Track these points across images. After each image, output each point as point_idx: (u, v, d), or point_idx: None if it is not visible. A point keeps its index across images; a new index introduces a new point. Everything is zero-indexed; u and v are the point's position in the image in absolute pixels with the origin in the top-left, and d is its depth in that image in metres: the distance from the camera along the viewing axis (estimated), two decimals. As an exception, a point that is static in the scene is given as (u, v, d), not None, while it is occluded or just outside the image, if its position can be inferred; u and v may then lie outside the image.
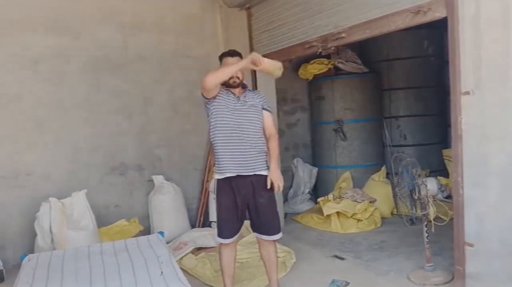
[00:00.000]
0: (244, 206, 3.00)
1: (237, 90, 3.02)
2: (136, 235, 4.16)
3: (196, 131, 4.99)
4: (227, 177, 2.95)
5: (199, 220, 4.97)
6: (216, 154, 3.00)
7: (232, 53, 3.05)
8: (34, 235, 3.96)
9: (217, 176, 3.01)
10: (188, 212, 4.85)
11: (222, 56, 3.08)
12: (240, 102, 2.98)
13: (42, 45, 4.22)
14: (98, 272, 2.70)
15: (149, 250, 3.06)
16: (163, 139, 4.89)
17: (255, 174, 2.95)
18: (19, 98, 4.15)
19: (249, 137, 2.92)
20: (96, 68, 4.49)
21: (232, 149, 2.92)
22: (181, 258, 3.87)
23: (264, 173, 2.97)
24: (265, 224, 3.01)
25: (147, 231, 4.57)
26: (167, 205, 4.63)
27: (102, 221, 4.31)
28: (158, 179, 4.74)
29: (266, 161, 3.01)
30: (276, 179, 2.94)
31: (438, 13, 2.91)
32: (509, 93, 2.61)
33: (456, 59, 2.84)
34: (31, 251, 3.87)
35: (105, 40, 4.52)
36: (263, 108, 3.04)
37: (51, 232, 3.80)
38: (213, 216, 4.91)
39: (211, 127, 3.00)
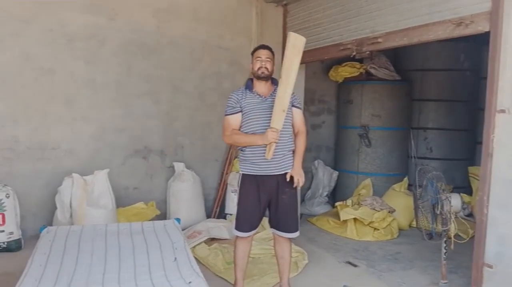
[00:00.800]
0: (266, 202, 2.99)
1: (264, 87, 2.99)
2: (153, 219, 4.22)
3: (221, 123, 4.89)
4: (254, 174, 2.95)
5: (215, 211, 5.00)
6: (244, 151, 3.00)
7: (265, 46, 3.05)
8: (54, 208, 4.05)
9: (244, 171, 3.01)
10: (205, 202, 4.88)
11: (254, 51, 3.07)
12: (267, 102, 2.95)
13: (78, 23, 4.28)
14: (113, 251, 2.74)
15: (164, 234, 3.09)
16: (187, 127, 4.92)
17: (281, 173, 2.94)
18: (52, 73, 4.22)
19: (280, 138, 2.90)
20: (129, 51, 4.54)
21: (260, 150, 2.91)
22: (194, 247, 3.90)
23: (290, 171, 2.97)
24: (284, 221, 3.00)
25: (163, 216, 4.61)
26: (186, 192, 4.67)
27: (120, 201, 4.38)
28: (179, 166, 4.78)
29: (293, 160, 2.99)
30: (297, 174, 2.92)
31: (481, 27, 2.84)
32: (546, 115, 2.53)
33: (495, 76, 2.76)
34: (50, 223, 3.97)
35: (140, 24, 4.57)
36: (293, 106, 3.00)
37: (71, 207, 3.88)
38: (229, 209, 4.95)
39: (242, 126, 3.01)
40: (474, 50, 5.66)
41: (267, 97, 2.98)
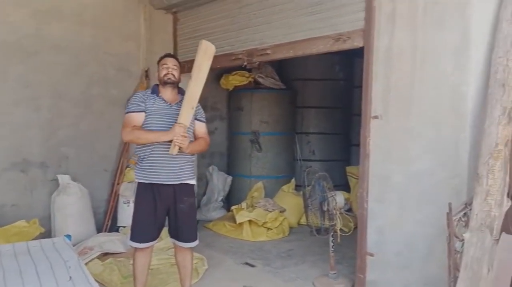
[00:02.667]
0: (164, 211, 2.96)
1: (170, 94, 2.98)
2: (36, 238, 3.86)
3: (109, 131, 4.80)
4: (151, 183, 2.90)
5: (106, 224, 4.76)
6: (142, 158, 2.93)
7: (171, 55, 3.08)
8: None
9: (139, 180, 2.94)
10: (94, 215, 4.62)
11: (160, 59, 3.04)
12: (171, 110, 2.94)
13: None
14: (-4, 277, 2.47)
15: (54, 253, 2.86)
16: (72, 137, 4.63)
17: (179, 183, 2.94)
18: None
19: None
20: (5, 54, 4.15)
21: (160, 156, 2.88)
22: (86, 264, 3.66)
23: (189, 181, 2.99)
24: (183, 231, 3.00)
25: (47, 234, 4.24)
26: (72, 206, 4.38)
27: (-4, 221, 3.94)
28: (63, 179, 4.47)
29: (193, 170, 3.02)
30: (186, 140, 2.81)
31: (356, 43, 3.20)
32: (410, 121, 2.95)
33: (369, 86, 3.14)
34: None
35: (17, 25, 4.19)
36: (196, 119, 3.03)
37: None
38: (122, 221, 4.76)
39: (142, 128, 2.93)
40: (347, 61, 6.30)
41: (173, 104, 2.97)
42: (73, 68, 4.57)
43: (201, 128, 3.08)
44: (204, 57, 2.90)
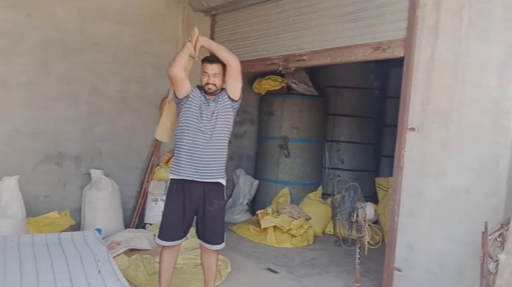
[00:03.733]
0: (192, 211, 2.98)
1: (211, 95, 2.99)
2: (66, 230, 3.97)
3: (144, 129, 4.87)
4: (182, 179, 2.92)
5: (133, 220, 4.83)
6: (177, 155, 2.96)
7: (212, 60, 2.95)
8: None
9: (172, 176, 2.97)
10: (123, 211, 4.70)
11: (203, 61, 3.00)
12: (210, 107, 2.94)
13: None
14: (28, 264, 2.53)
15: (84, 246, 2.92)
16: (107, 133, 4.72)
17: (209, 181, 2.95)
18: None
19: (212, 144, 2.90)
20: (48, 50, 4.26)
21: (193, 153, 2.89)
22: (113, 258, 3.73)
23: (219, 181, 2.99)
24: (211, 233, 3.01)
25: (77, 226, 4.36)
26: (103, 201, 4.45)
27: (29, 211, 4.03)
28: (96, 173, 4.56)
29: (223, 169, 3.01)
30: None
31: (396, 52, 3.15)
32: (450, 135, 2.88)
33: (407, 97, 3.08)
34: None
35: (62, 22, 4.31)
36: (228, 96, 2.96)
37: (-27, 216, 3.50)
38: (149, 218, 4.82)
39: (178, 127, 2.97)
40: (382, 70, 6.20)
41: (211, 100, 2.96)
42: (112, 67, 4.67)
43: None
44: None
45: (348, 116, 6.26)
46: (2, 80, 4.04)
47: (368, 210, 3.56)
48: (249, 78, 5.81)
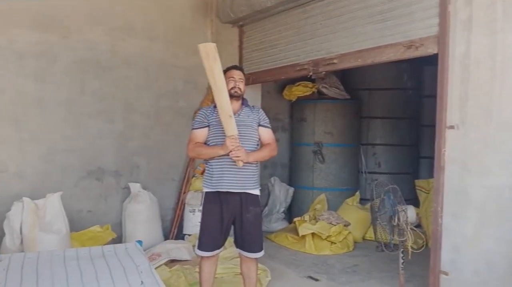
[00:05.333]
0: (229, 221, 2.99)
1: (234, 106, 3.00)
2: (109, 243, 4.05)
3: (176, 142, 4.94)
4: (217, 191, 2.95)
5: (173, 232, 4.90)
6: (209, 168, 3.01)
7: (237, 67, 3.14)
8: (1, 235, 3.78)
9: (206, 189, 3.01)
10: (162, 223, 4.77)
11: (226, 71, 3.07)
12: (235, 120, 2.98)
13: (28, 40, 4.12)
14: (75, 277, 2.60)
15: (127, 258, 2.98)
16: (142, 147, 4.83)
17: (244, 192, 2.96)
18: (0, 92, 4.02)
19: None
20: (82, 69, 4.42)
21: (225, 166, 2.92)
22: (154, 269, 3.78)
23: (253, 191, 3.00)
24: (249, 241, 3.01)
25: (118, 239, 4.45)
26: (142, 214, 4.54)
27: (73, 225, 4.15)
28: (135, 187, 4.66)
29: (255, 180, 3.03)
30: (242, 152, 2.82)
31: (430, 50, 3.07)
32: (491, 131, 2.76)
33: (444, 94, 2.99)
34: (-4, 252, 3.69)
35: (94, 42, 4.47)
36: (260, 125, 3.05)
37: (21, 233, 3.64)
38: (187, 229, 4.87)
39: (208, 141, 3.03)
40: (415, 69, 6.06)
41: (235, 115, 3.01)
42: (143, 82, 4.79)
43: (265, 133, 3.08)
44: (209, 60, 2.83)
45: (383, 119, 6.15)
46: (40, 99, 4.22)
47: (410, 213, 3.45)
48: (278, 85, 5.81)
